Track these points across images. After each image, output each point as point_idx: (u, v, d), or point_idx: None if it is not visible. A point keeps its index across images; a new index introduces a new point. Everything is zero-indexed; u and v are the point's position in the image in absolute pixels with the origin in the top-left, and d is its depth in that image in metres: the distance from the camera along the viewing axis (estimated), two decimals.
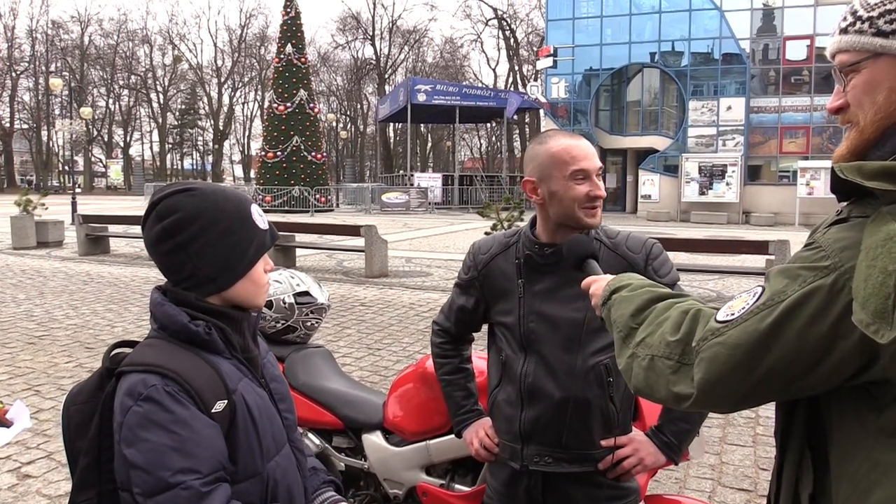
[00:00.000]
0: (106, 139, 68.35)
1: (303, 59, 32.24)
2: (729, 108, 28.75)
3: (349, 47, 61.77)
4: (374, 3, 65.97)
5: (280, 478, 1.45)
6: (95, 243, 14.91)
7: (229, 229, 1.40)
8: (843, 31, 1.09)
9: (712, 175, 27.82)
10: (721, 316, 1.05)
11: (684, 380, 1.05)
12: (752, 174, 28.73)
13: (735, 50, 28.85)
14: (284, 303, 2.85)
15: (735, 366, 0.99)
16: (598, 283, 1.42)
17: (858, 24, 1.06)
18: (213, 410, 1.32)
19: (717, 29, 28.89)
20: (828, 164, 27.08)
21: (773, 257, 9.28)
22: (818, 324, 0.95)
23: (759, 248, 9.57)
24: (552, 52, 30.42)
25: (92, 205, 31.78)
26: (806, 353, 0.95)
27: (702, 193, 27.95)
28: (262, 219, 1.47)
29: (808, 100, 27.97)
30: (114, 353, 1.42)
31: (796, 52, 28.20)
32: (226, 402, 1.34)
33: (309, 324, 2.93)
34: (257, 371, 1.49)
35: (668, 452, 1.93)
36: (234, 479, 1.35)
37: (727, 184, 27.58)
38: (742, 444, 4.51)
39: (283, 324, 2.87)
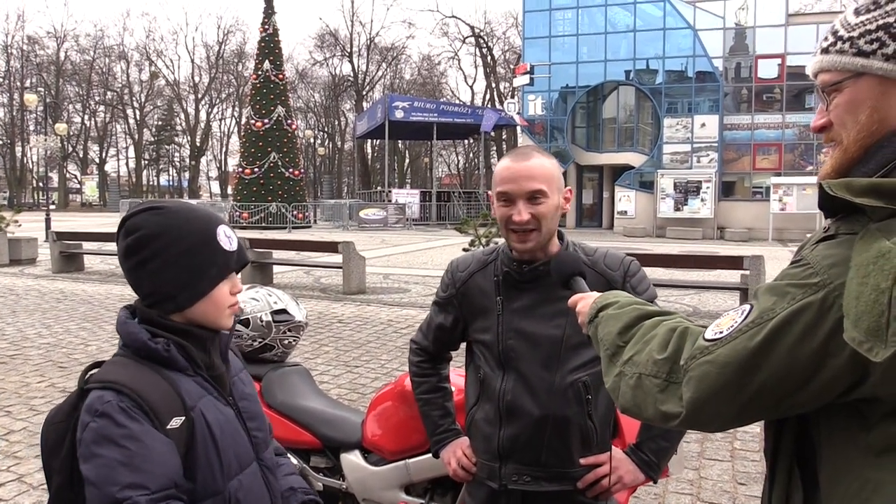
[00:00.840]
0: (81, 155, 67.67)
1: (280, 76, 32.24)
2: (703, 125, 29.16)
3: (327, 64, 61.85)
4: (353, 21, 66.27)
5: (243, 497, 1.45)
6: (69, 261, 14.71)
7: (191, 249, 1.41)
8: (825, 50, 1.10)
9: (687, 191, 28.14)
10: (709, 334, 1.04)
11: (672, 398, 1.05)
12: (726, 190, 29.11)
13: (708, 68, 29.31)
14: (261, 321, 2.83)
15: (725, 384, 0.98)
16: (584, 300, 1.42)
17: (840, 44, 1.07)
18: (168, 426, 1.32)
19: (691, 47, 29.36)
20: (800, 180, 27.43)
21: (748, 272, 9.38)
22: (808, 341, 0.94)
23: (734, 263, 9.68)
24: (529, 69, 30.69)
25: (66, 222, 31.38)
26: (796, 370, 0.95)
27: (677, 209, 28.24)
28: (229, 240, 1.47)
29: (779, 117, 28.47)
30: (90, 373, 1.42)
31: (768, 70, 28.73)
32: (183, 418, 1.35)
33: (286, 342, 2.90)
34: (224, 389, 1.49)
35: (648, 470, 1.94)
36: (192, 497, 1.35)
37: (702, 200, 27.91)
38: (720, 458, 4.53)
39: (260, 342, 2.84)
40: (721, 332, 1.02)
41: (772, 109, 28.82)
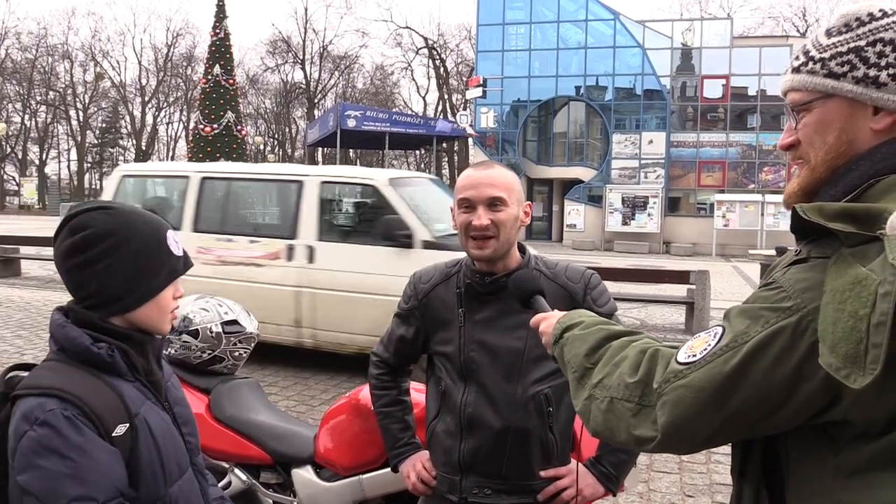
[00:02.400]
0: (20, 156, 65.48)
1: (231, 81, 31.75)
2: (650, 141, 29.79)
3: (279, 71, 61.19)
4: (306, 28, 65.60)
5: (183, 503, 1.45)
6: (5, 265, 14.16)
7: (142, 250, 1.40)
8: (796, 70, 1.11)
9: (635, 206, 28.67)
10: (682, 357, 1.03)
11: (645, 423, 1.04)
12: (672, 206, 29.75)
13: (656, 86, 30.00)
14: (211, 332, 2.74)
15: (701, 408, 0.97)
16: (547, 320, 1.40)
17: (811, 65, 1.08)
18: (113, 434, 1.30)
19: (640, 66, 30.00)
20: (742, 197, 28.26)
21: (693, 287, 9.57)
22: (783, 365, 0.94)
23: (680, 277, 9.88)
24: (482, 82, 30.88)
25: (3, 225, 30.28)
26: (771, 394, 0.95)
27: (625, 223, 28.73)
28: (177, 245, 1.48)
29: (724, 136, 29.27)
30: (9, 376, 1.37)
31: (713, 90, 29.54)
32: (127, 425, 1.33)
33: (237, 354, 2.82)
34: (161, 394, 1.49)
35: (607, 483, 1.95)
36: None
37: (649, 215, 28.46)
38: (668, 471, 4.58)
39: (209, 354, 2.76)
40: (695, 356, 1.01)
41: (716, 128, 29.62)
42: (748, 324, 0.98)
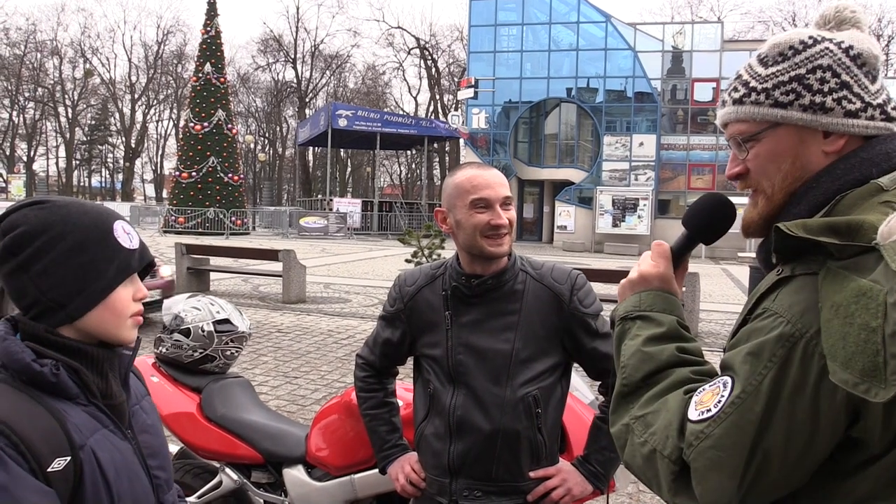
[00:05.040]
0: (8, 153, 64.97)
1: (222, 79, 31.64)
2: (641, 144, 29.92)
3: (270, 69, 61.01)
4: (297, 27, 65.40)
5: None
6: None
7: (81, 246, 1.20)
8: (738, 101, 1.11)
9: (625, 208, 28.78)
10: (694, 415, 0.97)
11: (685, 490, 0.98)
12: (662, 208, 29.88)
13: (647, 89, 30.13)
14: (203, 331, 2.75)
15: (735, 466, 0.92)
16: (648, 269, 1.23)
17: (754, 95, 1.09)
18: (49, 469, 1.09)
19: (631, 68, 30.13)
20: (732, 200, 28.79)
21: (683, 289, 9.61)
22: (802, 393, 0.91)
23: None
24: (473, 83, 30.93)
25: None
26: (799, 427, 0.91)
27: (615, 225, 28.84)
28: (128, 237, 1.27)
29: (713, 139, 29.41)
30: None
31: (703, 93, 29.70)
32: (69, 458, 1.12)
33: (228, 353, 2.83)
34: (123, 421, 1.27)
35: (595, 481, 1.97)
36: None
37: (639, 217, 28.58)
38: None
39: (200, 353, 2.76)
40: (709, 410, 0.96)
41: (706, 131, 29.77)
42: (754, 363, 0.94)
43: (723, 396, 0.95)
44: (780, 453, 0.92)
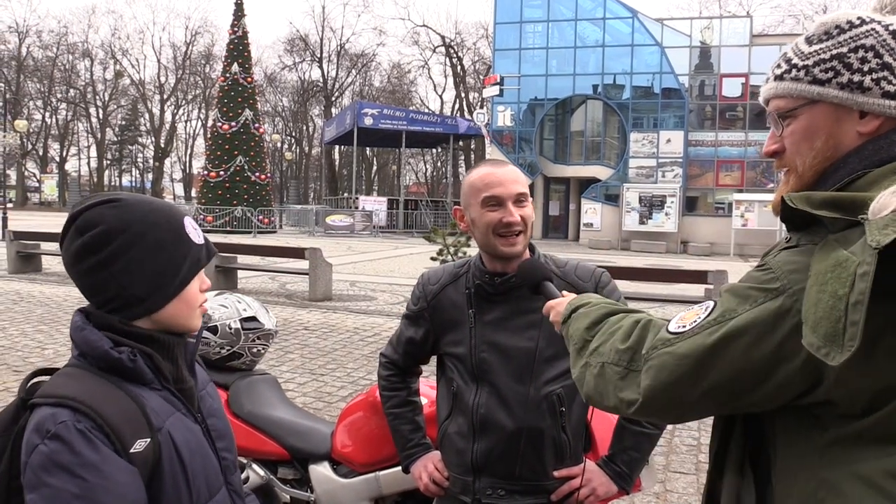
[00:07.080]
0: (41, 153, 66.21)
1: (249, 79, 31.94)
2: (668, 140, 29.60)
3: (296, 69, 61.49)
4: (323, 26, 65.72)
5: None
6: (27, 261, 14.34)
7: (159, 244, 1.25)
8: (779, 77, 1.13)
9: (652, 205, 28.52)
10: (673, 327, 1.08)
11: (631, 386, 1.08)
12: (690, 205, 29.56)
13: (674, 85, 29.80)
14: (230, 328, 2.77)
15: (681, 376, 1.02)
16: (559, 304, 1.44)
17: (794, 72, 1.11)
18: (131, 451, 1.16)
19: (658, 64, 29.82)
20: (761, 196, 28.01)
21: (711, 286, 9.51)
22: (764, 344, 0.97)
23: (698, 277, 9.80)
24: (499, 80, 30.85)
25: (24, 221, 30.62)
26: (749, 371, 0.98)
27: (642, 223, 28.59)
28: (196, 232, 1.33)
29: (742, 135, 29.03)
30: (32, 382, 1.25)
31: (732, 89, 29.31)
32: (148, 440, 1.19)
33: (255, 350, 2.85)
34: (192, 405, 1.34)
35: (620, 482, 1.95)
36: None
37: (666, 214, 28.30)
38: (685, 471, 4.57)
39: (228, 350, 2.79)
40: (684, 326, 1.05)
41: (735, 127, 29.39)
42: (737, 301, 1.02)
43: (699, 318, 1.05)
44: (723, 385, 1.00)
